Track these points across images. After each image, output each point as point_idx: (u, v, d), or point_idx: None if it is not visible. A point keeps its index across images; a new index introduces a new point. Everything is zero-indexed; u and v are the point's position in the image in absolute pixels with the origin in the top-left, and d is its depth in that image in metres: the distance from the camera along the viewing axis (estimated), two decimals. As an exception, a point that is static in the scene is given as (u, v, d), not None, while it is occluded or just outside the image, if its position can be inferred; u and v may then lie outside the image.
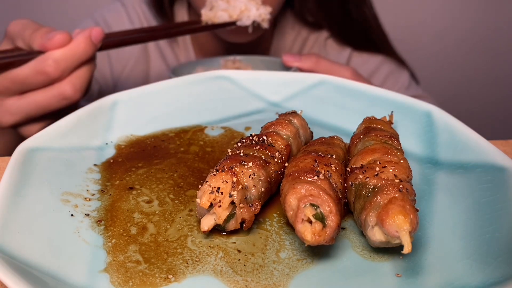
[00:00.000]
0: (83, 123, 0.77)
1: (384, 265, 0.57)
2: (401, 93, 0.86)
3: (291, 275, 0.56)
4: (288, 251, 0.59)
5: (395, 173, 0.59)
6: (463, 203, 0.64)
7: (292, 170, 0.61)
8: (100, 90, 1.41)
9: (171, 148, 0.78)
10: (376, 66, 1.40)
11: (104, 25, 1.40)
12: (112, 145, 0.78)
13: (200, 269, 0.56)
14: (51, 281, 0.51)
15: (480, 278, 0.53)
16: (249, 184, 0.61)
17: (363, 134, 0.70)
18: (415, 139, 0.78)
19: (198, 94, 0.90)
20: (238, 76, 0.93)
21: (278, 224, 0.63)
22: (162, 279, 0.54)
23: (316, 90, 0.90)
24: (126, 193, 0.68)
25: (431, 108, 0.80)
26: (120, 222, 0.62)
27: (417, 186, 0.68)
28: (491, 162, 0.66)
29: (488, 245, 0.57)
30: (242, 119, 0.87)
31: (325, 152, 0.66)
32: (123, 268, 0.55)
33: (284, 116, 0.76)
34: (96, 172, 0.71)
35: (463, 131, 0.73)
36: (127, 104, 0.84)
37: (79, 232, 0.60)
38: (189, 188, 0.69)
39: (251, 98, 0.91)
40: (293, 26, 1.41)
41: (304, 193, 0.56)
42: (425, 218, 0.64)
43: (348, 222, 0.64)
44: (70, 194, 0.65)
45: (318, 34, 1.41)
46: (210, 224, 0.58)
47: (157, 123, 0.84)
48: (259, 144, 0.68)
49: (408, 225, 0.52)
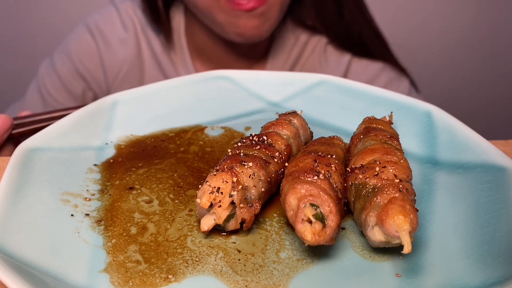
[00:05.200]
0: (83, 123, 0.77)
1: (384, 265, 0.57)
2: None
3: (291, 275, 0.56)
4: (288, 251, 0.59)
5: (395, 173, 0.59)
6: (463, 203, 0.64)
7: (292, 170, 0.61)
8: (95, 98, 1.39)
9: (171, 148, 0.78)
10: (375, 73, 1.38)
11: (97, 30, 1.37)
12: (112, 145, 0.78)
13: (200, 269, 0.56)
14: (51, 281, 0.51)
15: (480, 278, 0.53)
16: (249, 184, 0.61)
17: (363, 134, 0.70)
18: (415, 139, 0.78)
19: (198, 94, 0.90)
20: (238, 76, 0.93)
21: (278, 224, 0.63)
22: (162, 279, 0.54)
23: (316, 90, 0.90)
24: (126, 193, 0.68)
25: (431, 108, 0.80)
26: (120, 222, 0.62)
27: (417, 186, 0.68)
28: (491, 162, 0.66)
29: (488, 245, 0.57)
30: (242, 119, 0.87)
31: (325, 152, 0.66)
32: (123, 268, 0.55)
33: (284, 116, 0.76)
34: (96, 172, 0.71)
35: (463, 131, 0.73)
36: (127, 104, 0.84)
37: (79, 232, 0.60)
38: (189, 188, 0.69)
39: (251, 98, 0.91)
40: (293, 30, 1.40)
41: (304, 193, 0.56)
42: (425, 218, 0.64)
43: (348, 222, 0.64)
44: (70, 194, 0.65)
45: (318, 39, 1.39)
46: (210, 224, 0.58)
47: (157, 123, 0.84)
48: (259, 144, 0.68)
49: (408, 225, 0.52)
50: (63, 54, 1.38)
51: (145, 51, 1.37)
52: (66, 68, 1.37)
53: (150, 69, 1.38)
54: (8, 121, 0.89)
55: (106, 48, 1.36)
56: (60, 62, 1.37)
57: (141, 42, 1.37)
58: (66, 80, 1.37)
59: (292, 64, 1.39)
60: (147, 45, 1.37)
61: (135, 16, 1.38)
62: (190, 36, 1.37)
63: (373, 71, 1.38)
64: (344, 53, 1.38)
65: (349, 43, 1.38)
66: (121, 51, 1.36)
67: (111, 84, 1.38)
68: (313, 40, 1.39)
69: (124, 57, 1.36)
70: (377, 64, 1.38)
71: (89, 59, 1.36)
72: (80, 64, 1.36)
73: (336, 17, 1.35)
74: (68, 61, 1.37)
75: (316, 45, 1.39)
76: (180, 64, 1.38)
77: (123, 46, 1.36)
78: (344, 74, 1.37)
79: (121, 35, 1.36)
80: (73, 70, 1.37)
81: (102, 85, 1.39)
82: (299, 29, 1.39)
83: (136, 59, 1.37)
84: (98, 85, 1.39)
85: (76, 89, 1.38)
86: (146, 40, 1.37)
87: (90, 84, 1.38)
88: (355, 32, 1.36)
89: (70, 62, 1.37)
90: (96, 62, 1.37)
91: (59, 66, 1.37)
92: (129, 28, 1.37)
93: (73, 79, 1.37)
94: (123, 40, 1.36)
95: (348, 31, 1.36)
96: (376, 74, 1.38)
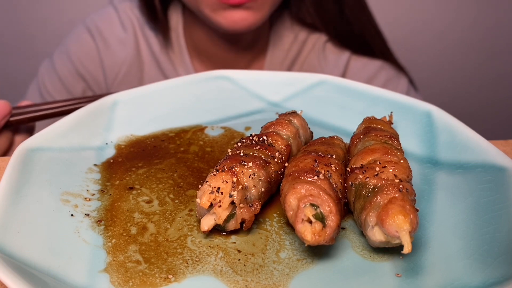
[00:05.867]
0: (83, 123, 0.77)
1: (384, 265, 0.57)
2: None
3: (291, 275, 0.56)
4: (288, 251, 0.59)
5: (395, 173, 0.59)
6: (463, 203, 0.64)
7: (292, 170, 0.61)
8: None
9: (171, 148, 0.78)
10: (374, 71, 1.38)
11: (96, 31, 1.38)
12: (112, 145, 0.78)
13: (200, 269, 0.56)
14: (51, 281, 0.51)
15: (480, 278, 0.53)
16: (249, 184, 0.61)
17: (363, 134, 0.70)
18: (415, 139, 0.78)
19: (198, 94, 0.90)
20: (238, 76, 0.93)
21: (278, 224, 0.63)
22: (162, 279, 0.54)
23: (316, 90, 0.90)
24: (126, 193, 0.68)
25: (431, 108, 0.80)
26: (120, 222, 0.62)
27: (417, 186, 0.68)
28: (491, 162, 0.66)
29: (488, 245, 0.57)
30: (242, 119, 0.87)
31: (325, 152, 0.66)
32: (123, 268, 0.55)
33: (284, 116, 0.76)
34: (96, 172, 0.71)
35: (463, 131, 0.73)
36: (127, 104, 0.84)
37: (79, 232, 0.60)
38: (189, 188, 0.69)
39: (251, 98, 0.91)
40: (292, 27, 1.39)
41: (304, 193, 0.56)
42: (425, 218, 0.64)
43: (348, 222, 0.64)
44: (70, 194, 0.65)
45: (317, 37, 1.39)
46: (210, 224, 0.58)
47: (157, 123, 0.84)
48: (259, 144, 0.68)
49: (408, 225, 0.52)
50: (63, 54, 1.38)
51: (144, 50, 1.38)
52: (66, 68, 1.37)
53: (149, 69, 1.38)
54: (6, 107, 0.89)
55: (105, 48, 1.36)
56: (60, 62, 1.38)
57: (140, 42, 1.37)
58: (66, 80, 1.37)
59: (290, 62, 1.39)
60: (146, 44, 1.37)
61: (133, 16, 1.38)
62: (188, 35, 1.37)
63: (372, 69, 1.38)
64: (343, 51, 1.38)
65: (349, 41, 1.38)
66: (121, 51, 1.36)
67: (111, 84, 1.38)
68: (312, 38, 1.39)
69: (124, 57, 1.36)
70: (376, 62, 1.38)
71: (88, 59, 1.37)
72: (80, 65, 1.37)
73: (336, 14, 1.34)
74: (68, 61, 1.37)
75: (315, 43, 1.39)
76: (179, 63, 1.38)
77: (122, 46, 1.36)
78: (343, 72, 1.37)
79: (120, 35, 1.37)
80: (73, 71, 1.37)
81: (102, 85, 1.40)
82: (298, 26, 1.39)
83: (135, 59, 1.37)
84: (98, 85, 1.39)
85: (76, 89, 1.38)
86: (144, 40, 1.37)
87: (90, 84, 1.39)
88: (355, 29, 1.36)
89: (70, 62, 1.37)
90: (95, 62, 1.37)
91: (59, 66, 1.37)
92: (128, 28, 1.37)
93: (73, 80, 1.37)
94: (122, 40, 1.37)
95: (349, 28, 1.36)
96: (375, 72, 1.38)
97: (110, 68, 1.37)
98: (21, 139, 0.98)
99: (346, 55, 1.38)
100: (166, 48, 1.37)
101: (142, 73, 1.39)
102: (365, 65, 1.38)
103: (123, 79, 1.37)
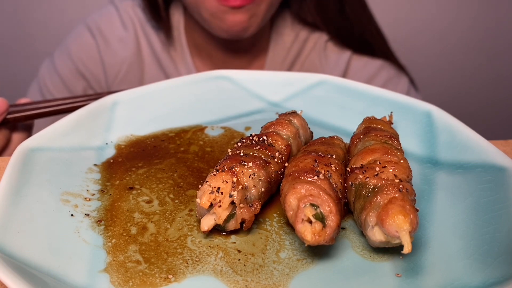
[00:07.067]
0: (83, 123, 0.77)
1: (384, 265, 0.57)
2: None
3: (291, 275, 0.56)
4: (288, 251, 0.59)
5: (395, 173, 0.59)
6: (463, 203, 0.64)
7: (292, 170, 0.61)
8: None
9: (171, 148, 0.78)
10: (375, 71, 1.38)
11: (97, 30, 1.38)
12: (112, 145, 0.78)
13: (200, 269, 0.56)
14: (51, 281, 0.51)
15: (480, 278, 0.53)
16: (249, 184, 0.61)
17: (363, 134, 0.70)
18: (415, 139, 0.78)
19: (198, 94, 0.90)
20: (238, 76, 0.93)
21: (278, 224, 0.63)
22: (162, 279, 0.54)
23: (316, 90, 0.90)
24: (126, 193, 0.68)
25: (431, 108, 0.80)
26: (120, 222, 0.62)
27: (417, 186, 0.68)
28: (491, 162, 0.66)
29: (488, 245, 0.57)
30: (242, 119, 0.87)
31: (325, 152, 0.66)
32: (123, 268, 0.55)
33: (284, 116, 0.76)
34: (96, 172, 0.71)
35: (463, 131, 0.73)
36: (127, 104, 0.84)
37: (79, 232, 0.60)
38: (189, 188, 0.69)
39: (251, 98, 0.91)
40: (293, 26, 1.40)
41: (304, 193, 0.56)
42: (425, 218, 0.64)
43: (348, 222, 0.64)
44: (70, 194, 0.65)
45: (318, 36, 1.39)
46: (210, 224, 0.58)
47: (157, 123, 0.84)
48: (259, 144, 0.68)
49: (408, 225, 0.52)
50: (64, 54, 1.38)
51: (145, 49, 1.38)
52: (66, 67, 1.37)
53: (150, 67, 1.39)
54: (3, 105, 0.89)
55: (106, 47, 1.36)
56: (60, 62, 1.38)
57: (140, 40, 1.38)
58: (66, 79, 1.37)
59: (291, 61, 1.39)
60: (147, 43, 1.37)
61: (134, 15, 1.38)
62: (189, 33, 1.37)
63: (372, 68, 1.38)
64: (344, 51, 1.38)
65: (350, 40, 1.38)
66: (121, 50, 1.36)
67: (112, 82, 1.39)
68: (313, 37, 1.39)
69: (124, 56, 1.37)
70: (377, 62, 1.39)
71: (89, 58, 1.37)
72: (80, 64, 1.37)
73: (337, 13, 1.34)
74: (69, 60, 1.37)
75: (316, 42, 1.39)
76: (180, 61, 1.38)
77: (123, 45, 1.37)
78: (343, 71, 1.37)
79: (121, 34, 1.37)
80: (74, 70, 1.37)
81: (103, 84, 1.40)
82: (299, 25, 1.39)
83: (136, 58, 1.38)
84: (98, 84, 1.40)
85: (76, 88, 1.38)
86: (145, 39, 1.38)
87: (90, 83, 1.39)
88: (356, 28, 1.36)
89: (70, 61, 1.37)
90: (96, 61, 1.37)
91: (60, 66, 1.37)
92: (128, 27, 1.38)
93: (73, 79, 1.38)
94: (123, 39, 1.37)
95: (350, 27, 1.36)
96: (376, 71, 1.38)
97: (110, 67, 1.37)
98: (18, 137, 0.98)
99: (347, 55, 1.38)
100: (167, 46, 1.38)
101: (142, 72, 1.39)
102: (366, 64, 1.38)
103: (124, 78, 1.38)
